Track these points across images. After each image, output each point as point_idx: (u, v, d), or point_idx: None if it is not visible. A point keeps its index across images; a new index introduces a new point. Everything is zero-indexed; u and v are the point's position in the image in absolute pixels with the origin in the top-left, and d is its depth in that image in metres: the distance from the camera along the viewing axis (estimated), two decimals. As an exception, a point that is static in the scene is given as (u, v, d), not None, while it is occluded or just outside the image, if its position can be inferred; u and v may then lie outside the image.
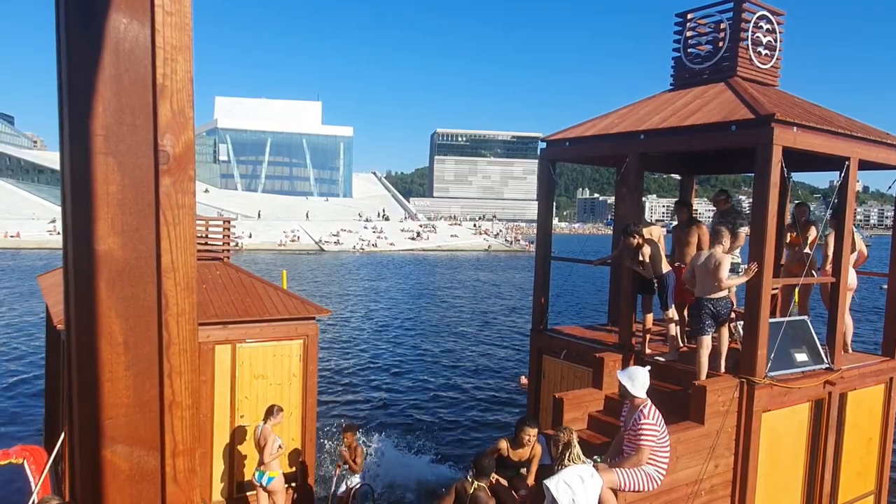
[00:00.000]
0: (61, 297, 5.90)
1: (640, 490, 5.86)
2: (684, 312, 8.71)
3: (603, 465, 5.91)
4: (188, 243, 1.30)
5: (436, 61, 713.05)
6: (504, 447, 6.89)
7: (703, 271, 7.31)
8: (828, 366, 7.83)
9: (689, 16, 8.98)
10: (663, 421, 6.03)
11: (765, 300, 7.02)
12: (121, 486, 1.28)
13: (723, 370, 7.37)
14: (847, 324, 8.62)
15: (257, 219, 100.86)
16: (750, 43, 8.48)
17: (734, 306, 7.91)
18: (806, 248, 8.98)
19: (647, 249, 8.03)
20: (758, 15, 8.50)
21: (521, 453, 6.88)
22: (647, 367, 6.30)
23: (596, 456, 6.20)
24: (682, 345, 8.57)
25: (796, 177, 10.54)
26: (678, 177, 11.98)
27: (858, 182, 8.91)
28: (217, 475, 9.12)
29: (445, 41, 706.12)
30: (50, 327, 11.36)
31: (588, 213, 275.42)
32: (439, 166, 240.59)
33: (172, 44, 1.25)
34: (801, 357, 7.68)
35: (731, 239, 7.76)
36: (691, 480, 6.55)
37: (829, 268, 8.35)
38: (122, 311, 1.24)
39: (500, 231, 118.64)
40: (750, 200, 8.12)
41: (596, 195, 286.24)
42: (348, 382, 19.24)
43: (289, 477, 9.43)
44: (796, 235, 9.24)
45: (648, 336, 8.55)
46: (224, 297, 9.27)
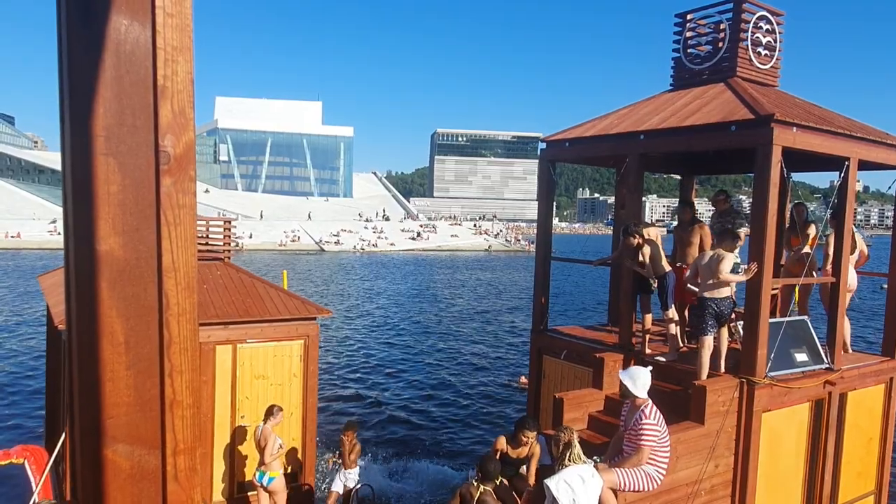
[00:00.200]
0: (62, 297, 5.90)
1: (641, 490, 5.86)
2: (684, 312, 8.71)
3: (603, 465, 5.92)
4: (189, 243, 1.31)
5: (436, 61, 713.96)
6: (503, 444, 6.94)
7: (706, 271, 7.31)
8: (828, 366, 7.84)
9: (689, 16, 8.99)
10: (664, 421, 6.03)
11: (765, 300, 7.02)
12: (122, 484, 1.29)
13: (723, 370, 7.37)
14: (845, 325, 8.62)
15: (259, 219, 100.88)
16: (750, 43, 8.48)
17: (735, 306, 7.91)
18: (805, 247, 8.97)
19: (647, 249, 8.03)
20: (757, 15, 8.50)
21: (520, 451, 6.93)
22: (649, 367, 6.31)
23: (596, 456, 6.21)
24: (682, 345, 8.57)
25: (796, 177, 10.55)
26: (678, 177, 11.99)
27: (858, 182, 8.91)
28: (218, 475, 9.13)
29: (445, 41, 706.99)
30: (50, 327, 11.37)
31: (588, 213, 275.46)
32: (439, 166, 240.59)
33: (173, 45, 1.25)
34: (801, 357, 7.68)
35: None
36: (691, 480, 6.55)
37: (829, 268, 8.35)
38: (123, 310, 1.25)
39: (501, 231, 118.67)
40: (750, 200, 8.12)
41: (596, 195, 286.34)
42: (349, 382, 19.24)
43: (289, 477, 9.44)
44: (796, 237, 9.24)
45: (648, 336, 8.56)
46: (225, 298, 9.28)
